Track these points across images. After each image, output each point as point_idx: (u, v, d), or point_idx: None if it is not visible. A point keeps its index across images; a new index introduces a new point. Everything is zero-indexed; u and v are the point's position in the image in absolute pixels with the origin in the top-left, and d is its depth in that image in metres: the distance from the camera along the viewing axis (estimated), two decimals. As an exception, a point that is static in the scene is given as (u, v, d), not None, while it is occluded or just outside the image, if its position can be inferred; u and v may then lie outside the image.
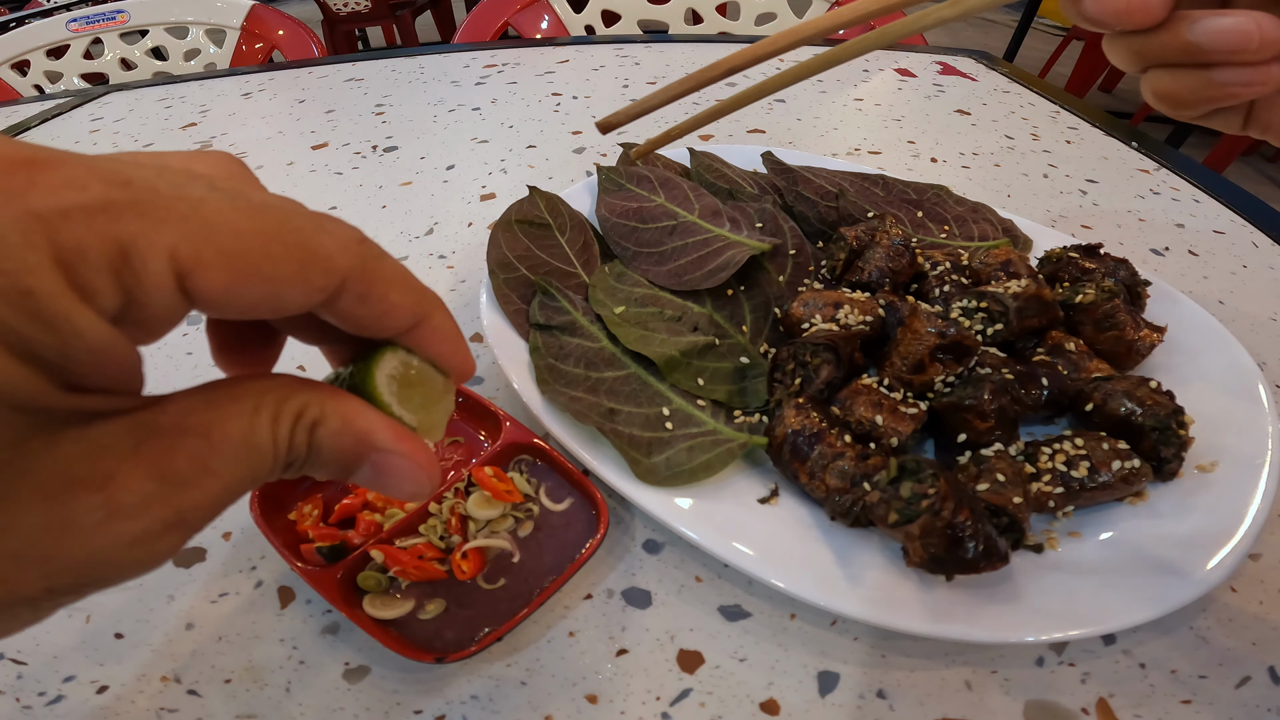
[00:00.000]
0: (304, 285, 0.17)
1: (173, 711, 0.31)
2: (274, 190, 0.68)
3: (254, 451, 0.17)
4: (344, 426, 0.18)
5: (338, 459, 0.19)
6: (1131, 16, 0.20)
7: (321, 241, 0.17)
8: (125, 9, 1.31)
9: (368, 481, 0.19)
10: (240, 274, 0.15)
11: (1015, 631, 0.30)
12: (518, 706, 0.31)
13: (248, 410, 0.17)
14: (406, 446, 0.19)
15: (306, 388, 0.18)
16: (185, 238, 0.15)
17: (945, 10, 0.21)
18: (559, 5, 1.24)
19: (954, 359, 0.39)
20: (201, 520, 0.16)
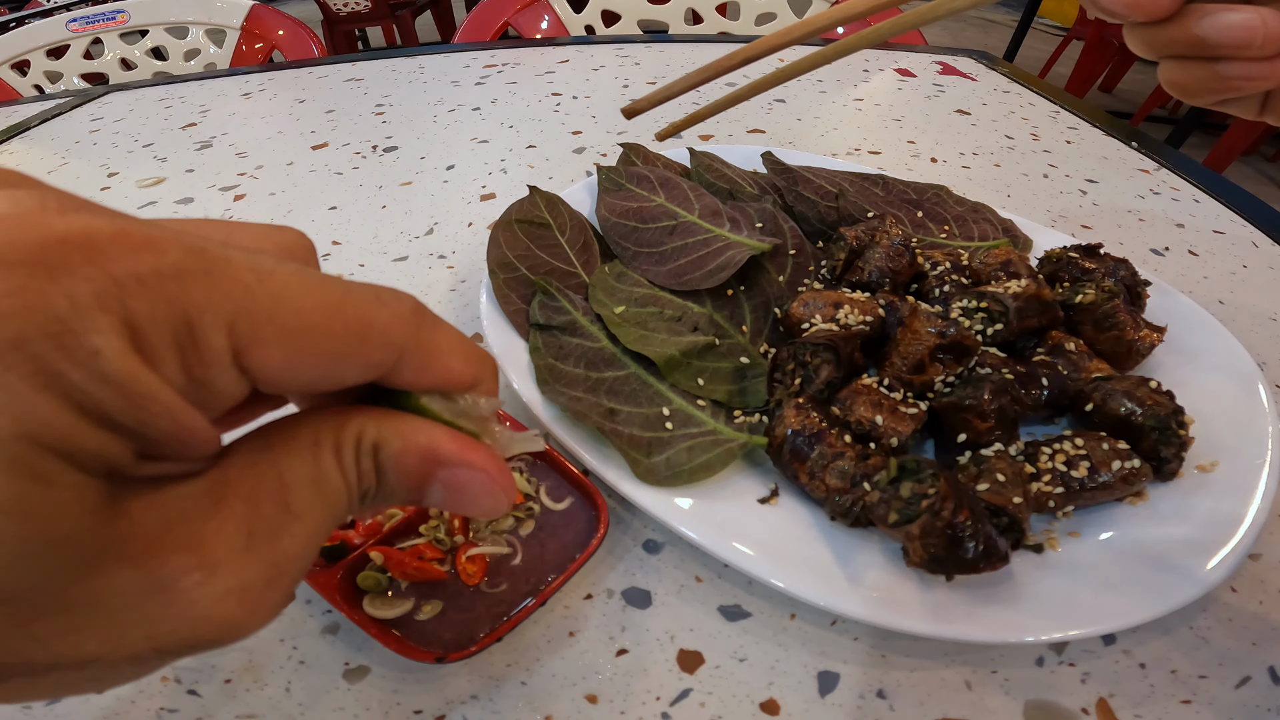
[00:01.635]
0: (362, 361, 0.16)
1: (173, 711, 0.31)
2: (274, 190, 0.68)
3: (326, 487, 0.16)
4: (405, 445, 0.17)
5: (406, 481, 0.18)
6: (1142, 8, 0.20)
7: (380, 315, 0.17)
8: (125, 9, 1.31)
9: (441, 502, 0.18)
10: (300, 352, 0.15)
11: (1015, 631, 0.30)
12: (518, 706, 0.31)
13: (308, 445, 0.16)
14: (475, 456, 0.18)
15: (357, 413, 0.17)
16: (245, 312, 0.14)
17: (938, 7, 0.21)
18: (559, 5, 1.24)
19: (954, 359, 0.39)
20: (297, 568, 0.16)
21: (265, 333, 0.15)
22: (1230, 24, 0.21)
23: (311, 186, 0.74)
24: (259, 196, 0.74)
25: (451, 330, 0.19)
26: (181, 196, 0.76)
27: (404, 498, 0.18)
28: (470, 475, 0.18)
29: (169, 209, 0.74)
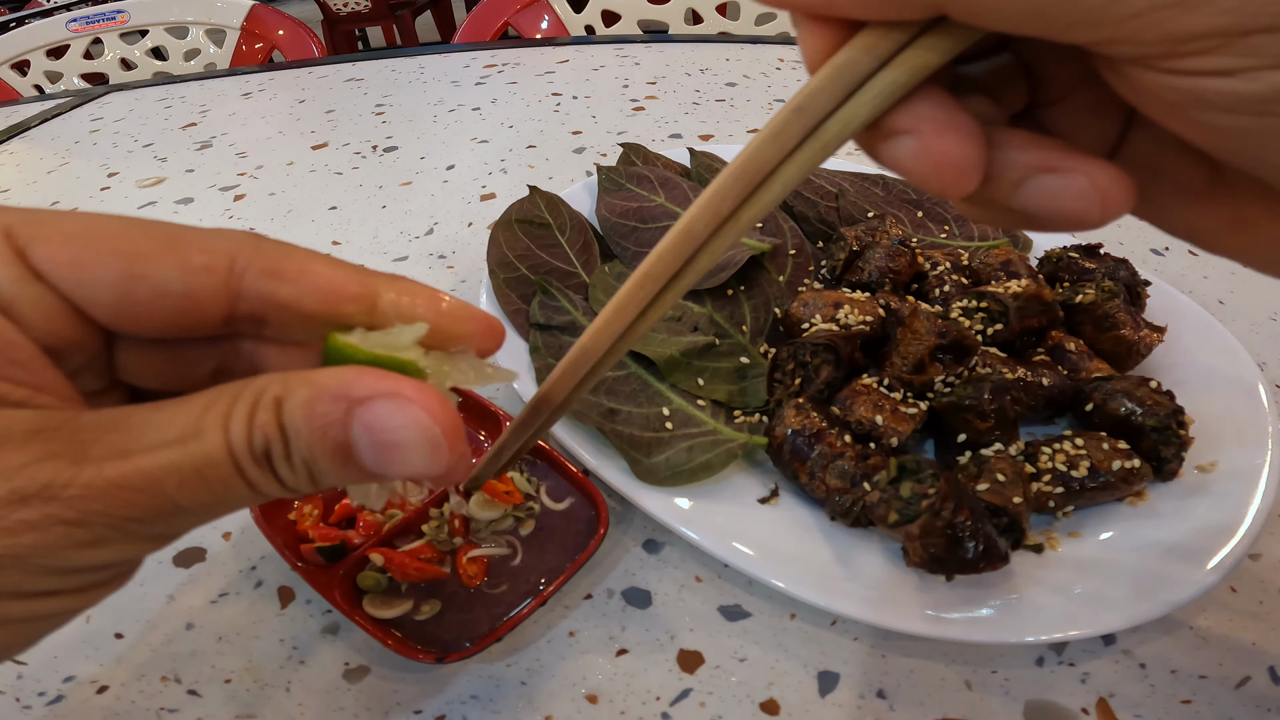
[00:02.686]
0: (176, 264, 0.17)
1: (173, 711, 0.31)
2: (274, 190, 0.68)
3: (201, 438, 0.16)
4: (313, 391, 0.16)
5: (319, 431, 0.16)
6: (940, 186, 0.16)
7: (196, 233, 0.17)
8: (125, 9, 1.31)
9: (373, 461, 0.17)
10: (88, 249, 0.16)
11: (1015, 631, 0.30)
12: (518, 706, 0.31)
13: (198, 402, 0.16)
14: (393, 385, 0.16)
15: (265, 376, 0.17)
16: (25, 221, 0.16)
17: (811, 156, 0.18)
18: (559, 5, 1.24)
19: (954, 359, 0.39)
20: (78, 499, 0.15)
21: (44, 233, 0.16)
22: (1058, 200, 0.17)
23: (311, 186, 0.74)
24: (259, 196, 0.74)
25: (312, 250, 0.19)
26: (181, 196, 0.76)
27: (329, 461, 0.17)
28: (391, 411, 0.16)
29: (169, 209, 0.74)
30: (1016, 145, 0.17)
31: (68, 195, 0.78)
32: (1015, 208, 0.17)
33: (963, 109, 0.16)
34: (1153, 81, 0.14)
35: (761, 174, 0.17)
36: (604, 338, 0.20)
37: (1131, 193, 0.16)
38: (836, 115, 0.16)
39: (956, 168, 0.16)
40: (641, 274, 0.19)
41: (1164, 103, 0.15)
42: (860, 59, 0.15)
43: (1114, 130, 0.19)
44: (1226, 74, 0.13)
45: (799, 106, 0.16)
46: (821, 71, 0.16)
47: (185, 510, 0.16)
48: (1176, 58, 0.13)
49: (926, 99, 0.16)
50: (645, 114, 0.83)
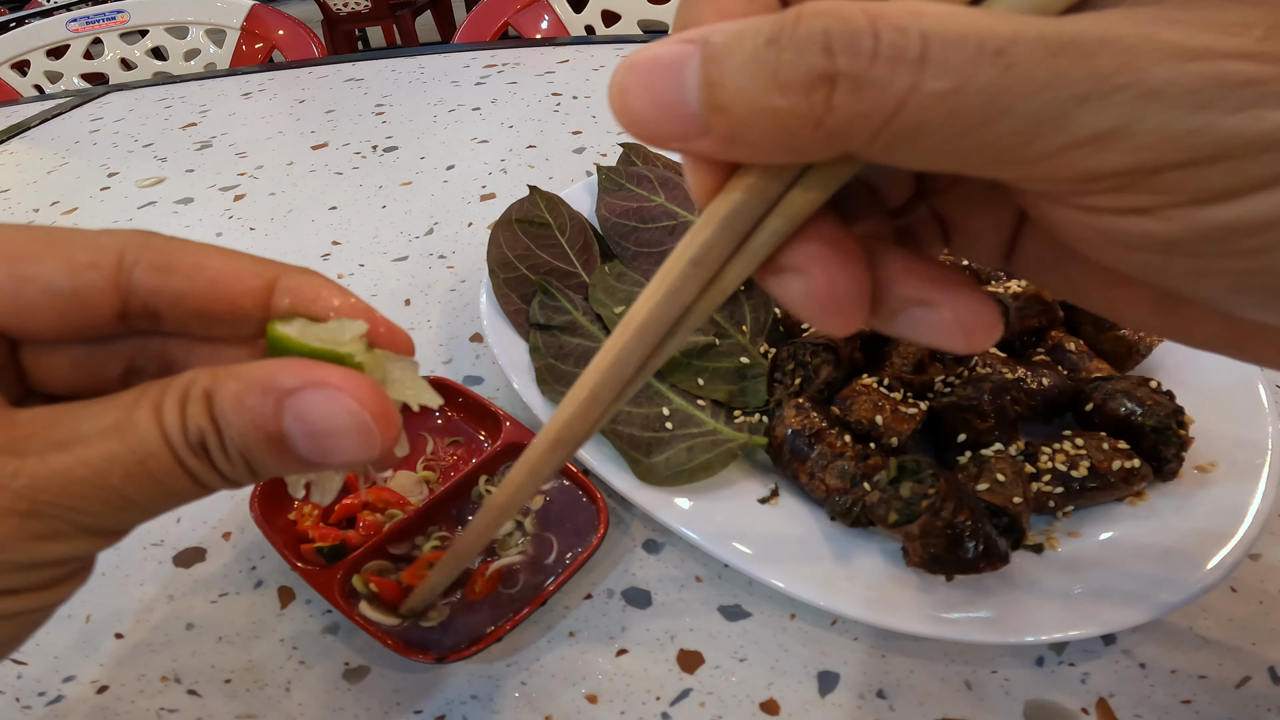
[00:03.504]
0: (61, 263, 0.17)
1: (173, 711, 0.31)
2: (274, 190, 0.68)
3: (131, 432, 0.16)
4: (242, 383, 0.16)
5: (250, 422, 0.16)
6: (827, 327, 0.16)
7: (80, 233, 0.18)
8: (125, 9, 1.31)
9: (309, 450, 0.17)
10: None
11: (1015, 631, 0.30)
12: (518, 706, 0.31)
13: (128, 398, 0.16)
14: (319, 375, 0.17)
15: (194, 371, 0.17)
16: None
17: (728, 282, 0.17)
18: (559, 5, 1.24)
19: (954, 359, 0.39)
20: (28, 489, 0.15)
21: None
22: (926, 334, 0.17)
23: (311, 186, 0.74)
24: (259, 196, 0.74)
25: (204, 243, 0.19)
26: (181, 196, 0.76)
27: (264, 452, 0.17)
28: (320, 400, 0.17)
29: (169, 209, 0.74)
30: (894, 272, 0.17)
31: (68, 195, 0.78)
32: (893, 334, 0.18)
33: (850, 238, 0.16)
34: (1065, 216, 0.14)
35: (662, 332, 0.17)
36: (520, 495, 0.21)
37: (996, 326, 0.17)
38: (734, 260, 0.16)
39: (844, 310, 0.16)
40: (552, 438, 0.19)
41: (1075, 235, 0.15)
42: (753, 200, 0.15)
43: (1010, 217, 0.19)
44: (1140, 212, 0.13)
45: (696, 260, 0.16)
46: (714, 219, 0.15)
47: (133, 503, 0.16)
48: (1088, 195, 0.13)
49: (815, 232, 0.16)
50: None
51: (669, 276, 0.16)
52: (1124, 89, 0.11)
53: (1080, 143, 0.12)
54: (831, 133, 0.13)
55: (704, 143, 0.14)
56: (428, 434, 0.42)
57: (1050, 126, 0.12)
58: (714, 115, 0.13)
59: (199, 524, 0.39)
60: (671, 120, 0.14)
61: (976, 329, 0.17)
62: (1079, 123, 0.12)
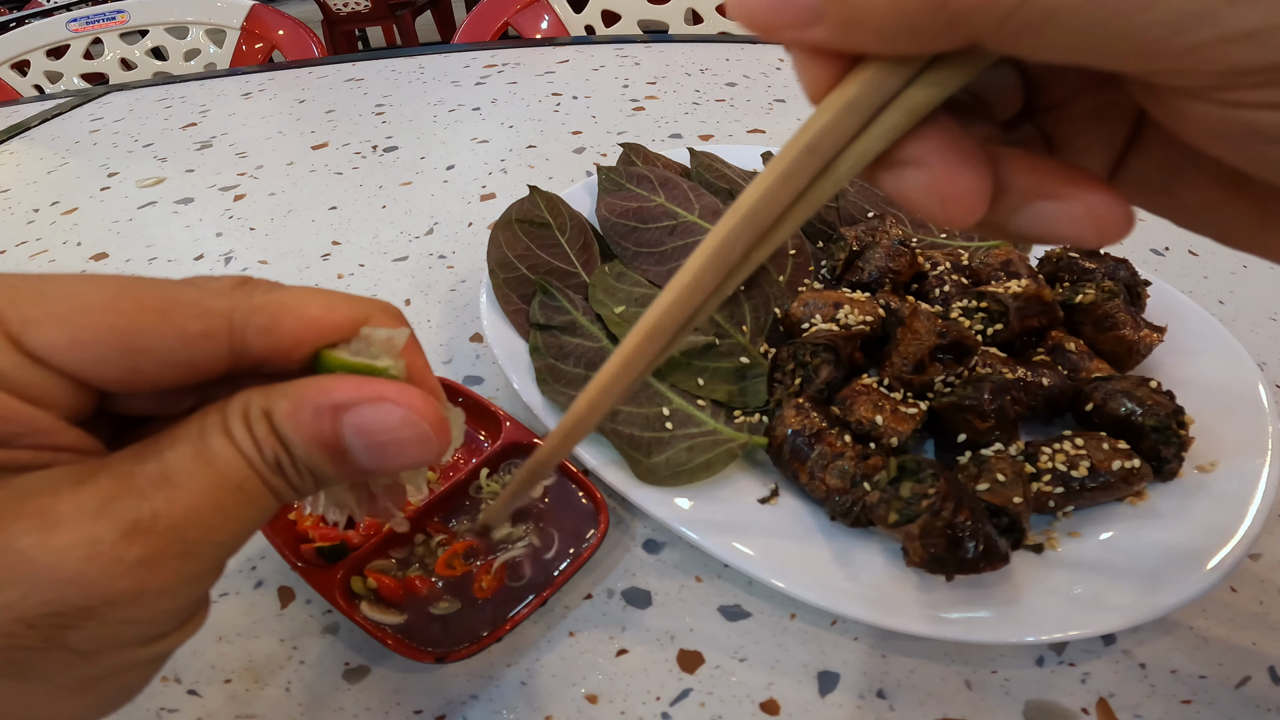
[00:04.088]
0: (174, 334, 0.17)
1: (173, 711, 0.31)
2: (274, 190, 0.68)
3: (215, 460, 0.17)
4: (295, 401, 0.17)
5: (312, 438, 0.17)
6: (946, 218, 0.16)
7: (184, 292, 0.17)
8: (125, 9, 1.31)
9: (370, 461, 0.18)
10: (84, 330, 0.16)
11: (1015, 631, 0.30)
12: (518, 706, 0.31)
13: (194, 429, 0.17)
14: (377, 389, 0.18)
15: (246, 391, 0.18)
16: (9, 301, 0.16)
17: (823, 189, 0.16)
18: (559, 5, 1.24)
19: (954, 359, 0.39)
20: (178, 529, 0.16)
21: (33, 315, 0.16)
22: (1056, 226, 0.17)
23: (311, 186, 0.74)
24: (259, 196, 0.74)
25: (303, 288, 0.19)
26: (181, 196, 0.76)
27: (327, 464, 0.18)
28: (378, 413, 0.17)
29: (169, 209, 0.74)
30: (1015, 169, 0.16)
31: (68, 195, 0.78)
32: (1012, 230, 0.17)
33: (969, 136, 0.16)
34: (1200, 111, 0.14)
35: (772, 218, 0.16)
36: (613, 392, 0.20)
37: (1129, 219, 0.16)
38: (848, 151, 0.15)
39: (965, 202, 0.15)
40: (651, 327, 0.18)
41: (1209, 131, 0.14)
42: (871, 93, 0.15)
43: (1122, 135, 0.18)
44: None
45: (810, 146, 0.15)
46: (832, 108, 0.15)
47: (243, 527, 0.17)
48: (1231, 90, 0.13)
49: (934, 128, 0.15)
50: (645, 114, 0.83)
51: (783, 162, 0.16)
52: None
53: (1231, 38, 0.11)
54: (955, 16, 0.12)
55: (818, 31, 0.14)
56: (428, 434, 0.42)
57: (1199, 20, 0.11)
58: (830, 1, 0.13)
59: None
60: (785, 7, 0.14)
61: (1110, 222, 0.16)
62: (1231, 19, 0.11)
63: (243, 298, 0.18)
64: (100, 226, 0.72)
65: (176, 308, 0.17)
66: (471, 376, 0.49)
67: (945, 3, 0.12)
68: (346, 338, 0.19)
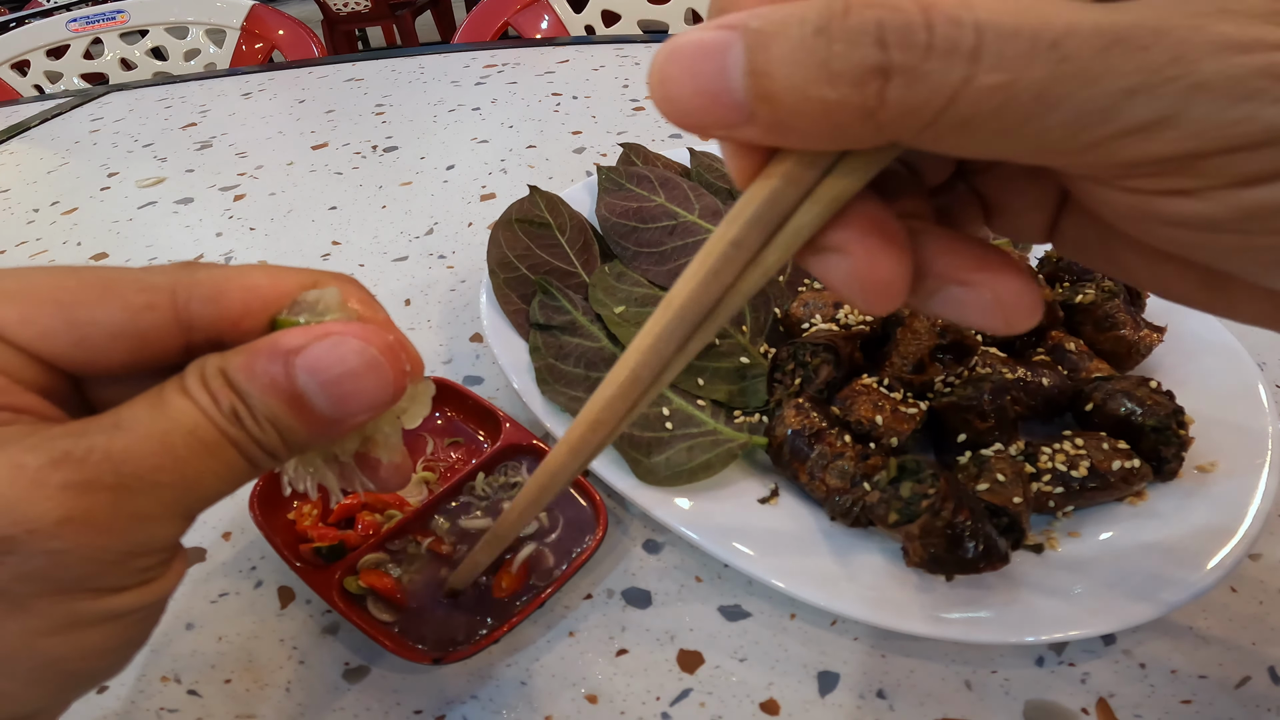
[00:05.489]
0: (119, 306, 0.18)
1: (173, 711, 0.31)
2: (274, 190, 0.68)
3: (168, 408, 0.17)
4: (249, 355, 0.18)
5: (268, 389, 0.17)
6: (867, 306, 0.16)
7: (129, 273, 0.18)
8: (125, 9, 1.31)
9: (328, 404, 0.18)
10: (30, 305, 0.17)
11: (1015, 631, 0.30)
12: (518, 706, 0.31)
13: (151, 392, 0.17)
14: (322, 329, 0.18)
15: (205, 356, 0.18)
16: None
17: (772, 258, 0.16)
18: (559, 5, 1.24)
19: (954, 359, 0.39)
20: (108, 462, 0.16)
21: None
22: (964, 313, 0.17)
23: (311, 186, 0.74)
24: (259, 196, 0.74)
25: (249, 264, 0.20)
26: (181, 196, 0.76)
27: (286, 413, 0.18)
28: (325, 347, 0.18)
29: (169, 209, 0.74)
30: (934, 251, 0.17)
31: (68, 195, 0.78)
32: (930, 312, 0.18)
33: (892, 218, 0.16)
34: (1110, 198, 0.14)
35: (704, 312, 0.17)
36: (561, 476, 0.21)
37: (1036, 307, 0.17)
38: (775, 242, 0.16)
39: (884, 290, 0.16)
40: (592, 419, 0.19)
41: (1120, 215, 0.15)
42: (794, 183, 0.15)
43: (1052, 197, 0.19)
44: (1184, 194, 0.13)
45: (736, 240, 0.16)
46: (756, 203, 0.15)
47: (198, 476, 0.17)
48: (1134, 178, 0.13)
49: (856, 212, 0.16)
50: (645, 114, 0.83)
51: (710, 258, 0.16)
52: (1174, 81, 0.12)
53: (1128, 132, 0.12)
54: (882, 124, 0.13)
55: (749, 130, 0.14)
56: (427, 434, 0.42)
57: (1099, 118, 0.12)
58: (760, 104, 0.13)
59: (199, 524, 0.39)
60: (716, 108, 0.14)
61: (1016, 310, 0.16)
62: (1128, 114, 0.12)
63: (185, 273, 0.19)
64: (100, 226, 0.72)
65: (118, 283, 0.18)
66: (471, 376, 0.49)
67: (872, 112, 0.13)
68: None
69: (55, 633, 0.16)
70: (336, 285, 0.20)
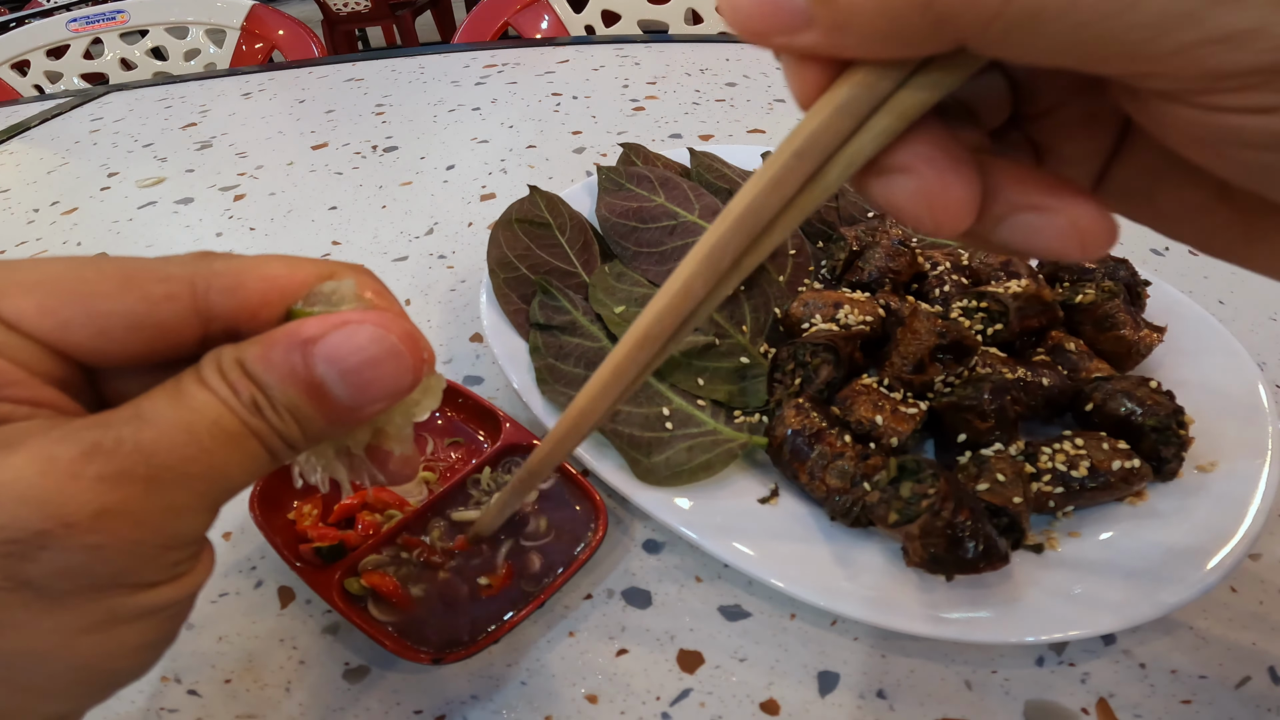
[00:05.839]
0: (139, 298, 0.18)
1: (173, 711, 0.31)
2: (274, 190, 0.68)
3: (188, 399, 0.17)
4: (266, 345, 0.18)
5: (286, 378, 0.17)
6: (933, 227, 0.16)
7: (147, 264, 0.18)
8: (125, 9, 1.31)
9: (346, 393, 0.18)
10: (51, 297, 0.17)
11: (1015, 631, 0.30)
12: (518, 706, 0.31)
13: (169, 384, 0.17)
14: (342, 317, 0.18)
15: (220, 347, 0.18)
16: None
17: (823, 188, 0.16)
18: (559, 5, 1.24)
19: (954, 359, 0.39)
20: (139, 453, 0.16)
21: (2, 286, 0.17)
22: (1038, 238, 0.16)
23: (311, 186, 0.74)
24: (259, 196, 0.74)
25: (265, 254, 0.20)
26: (181, 196, 0.76)
27: (305, 402, 0.18)
28: (344, 335, 0.18)
29: (169, 209, 0.74)
30: (1002, 179, 0.16)
31: (68, 195, 0.78)
32: (996, 242, 0.17)
33: (958, 144, 0.16)
34: (1183, 116, 0.14)
35: (761, 224, 0.16)
36: (606, 399, 0.21)
37: (1113, 232, 0.16)
38: (838, 157, 0.15)
39: (952, 210, 0.15)
40: (640, 335, 0.18)
41: (1191, 136, 0.14)
42: (861, 97, 0.15)
43: (1107, 142, 0.18)
44: (1265, 111, 0.12)
45: (800, 151, 0.15)
46: (821, 113, 0.15)
47: (225, 466, 0.17)
48: (1214, 94, 0.13)
49: (923, 134, 0.15)
50: (645, 114, 0.83)
51: (772, 167, 0.16)
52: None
53: (1214, 40, 0.11)
54: (941, 17, 0.12)
55: (808, 36, 0.14)
56: (428, 434, 0.42)
57: (1183, 21, 0.11)
58: (819, 5, 0.13)
59: (199, 524, 0.39)
60: (777, 13, 0.14)
61: (1092, 234, 0.16)
62: (1213, 20, 0.11)
63: (204, 264, 0.19)
64: (100, 226, 0.72)
65: (138, 274, 0.18)
66: (471, 376, 0.49)
67: (930, 4, 0.12)
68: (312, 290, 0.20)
69: (92, 630, 0.16)
70: (352, 276, 0.20)
